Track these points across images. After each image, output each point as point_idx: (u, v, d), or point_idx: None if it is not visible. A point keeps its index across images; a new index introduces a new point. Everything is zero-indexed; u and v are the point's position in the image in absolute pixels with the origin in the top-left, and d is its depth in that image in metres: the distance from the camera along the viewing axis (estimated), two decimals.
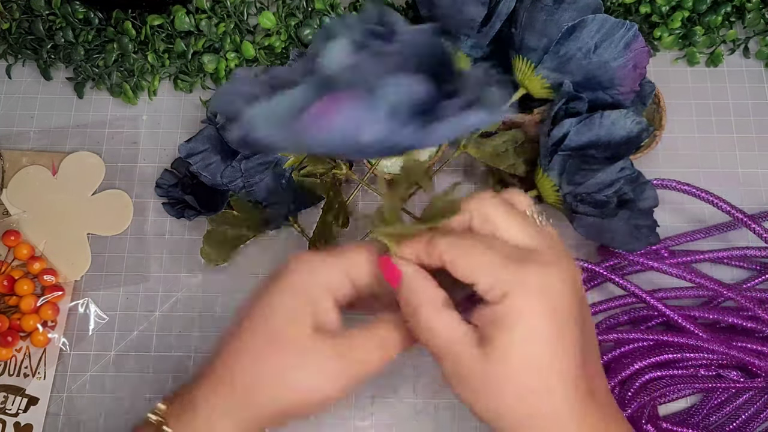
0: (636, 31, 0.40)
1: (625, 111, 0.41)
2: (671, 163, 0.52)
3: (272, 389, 0.32)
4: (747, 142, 0.53)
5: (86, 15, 0.55)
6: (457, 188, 0.32)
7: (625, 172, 0.42)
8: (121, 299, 0.50)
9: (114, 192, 0.53)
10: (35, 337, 0.48)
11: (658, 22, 0.54)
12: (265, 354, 0.32)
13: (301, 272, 0.33)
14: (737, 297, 0.44)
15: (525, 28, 0.42)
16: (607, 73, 0.41)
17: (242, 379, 0.32)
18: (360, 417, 0.47)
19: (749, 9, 0.54)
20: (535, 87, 0.44)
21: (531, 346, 0.30)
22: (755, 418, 0.45)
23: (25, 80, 0.56)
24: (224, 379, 0.33)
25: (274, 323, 0.32)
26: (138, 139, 0.54)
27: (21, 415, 0.47)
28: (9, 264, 0.50)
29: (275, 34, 0.54)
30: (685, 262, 0.48)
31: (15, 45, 0.55)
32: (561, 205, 0.43)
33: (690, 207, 0.51)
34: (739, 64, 0.55)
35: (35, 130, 0.55)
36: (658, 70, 0.54)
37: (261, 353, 0.32)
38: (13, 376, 0.48)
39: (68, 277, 0.50)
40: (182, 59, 0.55)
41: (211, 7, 0.54)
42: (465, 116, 0.25)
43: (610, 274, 0.46)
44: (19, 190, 0.52)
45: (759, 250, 0.48)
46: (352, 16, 0.27)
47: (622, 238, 0.44)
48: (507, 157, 0.46)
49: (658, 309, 0.45)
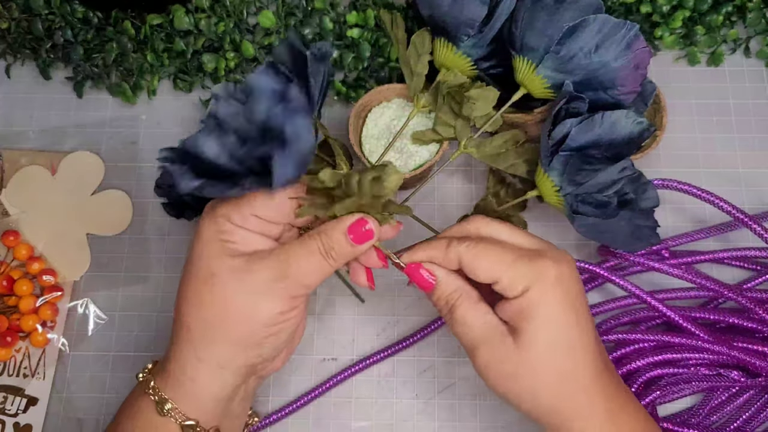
0: (637, 31, 0.40)
1: (626, 111, 0.41)
2: (672, 163, 0.52)
3: (219, 326, 0.35)
4: (748, 141, 0.53)
5: (85, 14, 0.55)
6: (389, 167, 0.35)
7: (626, 173, 0.41)
8: (120, 299, 0.50)
9: (113, 192, 0.53)
10: (34, 338, 0.48)
11: (659, 21, 0.54)
12: (202, 293, 0.35)
13: (206, 213, 0.36)
14: (738, 297, 0.44)
15: (526, 27, 0.42)
16: (608, 73, 0.41)
17: (193, 324, 0.35)
18: (360, 417, 0.47)
19: (750, 8, 0.54)
20: (536, 87, 0.44)
21: (555, 330, 0.34)
22: (755, 418, 0.45)
23: (24, 80, 0.56)
24: (183, 328, 0.35)
25: (199, 264, 0.35)
26: (137, 138, 0.54)
27: (20, 415, 0.47)
28: (8, 264, 0.50)
29: (275, 33, 0.54)
30: (686, 262, 0.48)
31: (14, 44, 0.55)
32: (562, 205, 0.43)
33: (691, 207, 0.51)
34: (741, 63, 0.55)
35: (34, 129, 0.55)
36: (659, 70, 0.54)
37: (198, 294, 0.35)
38: (12, 377, 0.48)
39: (67, 278, 0.50)
40: (181, 59, 0.54)
41: (210, 6, 0.54)
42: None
43: (610, 274, 0.46)
44: (18, 190, 0.52)
45: (760, 250, 0.48)
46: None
47: (623, 239, 0.44)
48: (507, 157, 0.46)
49: (658, 310, 0.45)
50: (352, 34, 0.53)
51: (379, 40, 0.54)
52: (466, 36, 0.44)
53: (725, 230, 0.49)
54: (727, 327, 0.47)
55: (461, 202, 0.52)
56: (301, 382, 0.48)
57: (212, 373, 0.35)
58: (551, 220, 0.51)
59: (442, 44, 0.46)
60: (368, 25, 0.53)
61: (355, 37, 0.53)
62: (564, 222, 0.46)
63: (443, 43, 0.46)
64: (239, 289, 0.34)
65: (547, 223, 0.51)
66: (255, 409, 0.47)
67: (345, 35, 0.54)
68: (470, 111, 0.45)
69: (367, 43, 0.53)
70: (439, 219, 0.51)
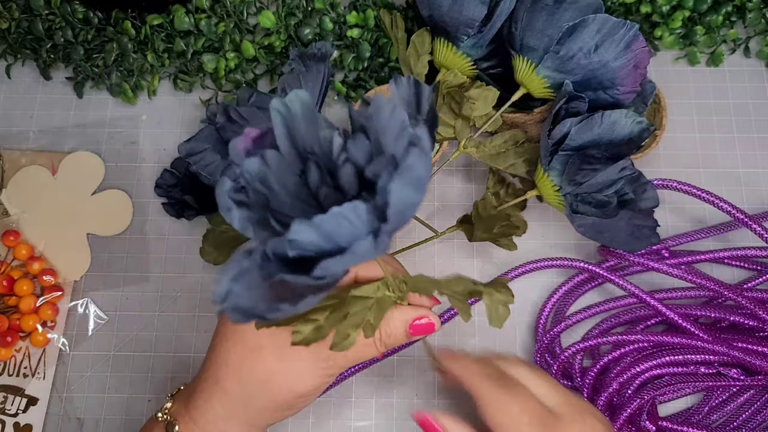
0: (637, 31, 0.40)
1: (625, 111, 0.41)
2: (672, 163, 0.52)
3: (259, 394, 0.35)
4: (748, 141, 0.53)
5: (86, 14, 0.55)
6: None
7: (626, 172, 0.41)
8: (120, 299, 0.50)
9: (113, 192, 0.53)
10: (35, 338, 0.48)
11: (659, 21, 0.54)
12: (245, 363, 0.35)
13: None
14: (738, 298, 0.44)
15: (525, 27, 0.42)
16: (607, 73, 0.41)
17: (232, 388, 0.35)
18: (360, 417, 0.47)
19: (750, 9, 0.54)
20: (536, 87, 0.44)
21: None
22: (756, 417, 0.45)
23: (25, 80, 0.56)
24: (219, 389, 0.35)
25: (247, 331, 0.35)
26: (137, 138, 0.54)
27: (21, 415, 0.47)
28: (8, 264, 0.50)
29: (275, 33, 0.54)
30: (685, 262, 0.48)
31: (14, 45, 0.55)
32: (562, 205, 0.43)
33: (690, 207, 0.51)
34: (740, 63, 0.55)
35: (35, 129, 0.55)
36: (659, 70, 0.54)
37: (241, 363, 0.35)
38: (12, 377, 0.48)
39: (68, 278, 0.50)
40: (182, 59, 0.54)
41: (210, 7, 0.54)
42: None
43: (609, 274, 0.46)
44: (18, 190, 0.52)
45: (759, 250, 0.48)
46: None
47: (623, 239, 0.44)
48: (507, 156, 0.46)
49: (658, 310, 0.45)
50: (352, 35, 0.53)
51: (379, 40, 0.54)
52: (465, 36, 0.44)
53: (725, 230, 0.49)
54: (727, 326, 0.47)
55: (461, 202, 0.52)
56: None
57: (241, 430, 0.36)
58: (551, 219, 0.51)
59: (442, 44, 0.46)
60: (368, 25, 0.53)
61: (355, 38, 0.53)
62: (564, 222, 0.46)
63: (443, 43, 0.46)
64: (284, 365, 0.34)
65: (547, 223, 0.51)
66: None
67: (345, 35, 0.54)
68: (470, 111, 0.45)
69: (367, 43, 0.53)
70: (439, 219, 0.51)
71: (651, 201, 0.44)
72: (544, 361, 0.47)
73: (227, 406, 0.35)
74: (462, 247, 0.51)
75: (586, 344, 0.45)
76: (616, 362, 0.45)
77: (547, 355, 0.47)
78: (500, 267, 0.50)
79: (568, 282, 0.48)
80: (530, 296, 0.49)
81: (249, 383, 0.35)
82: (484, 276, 0.50)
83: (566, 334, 0.48)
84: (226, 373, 0.35)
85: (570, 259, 0.48)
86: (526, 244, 0.48)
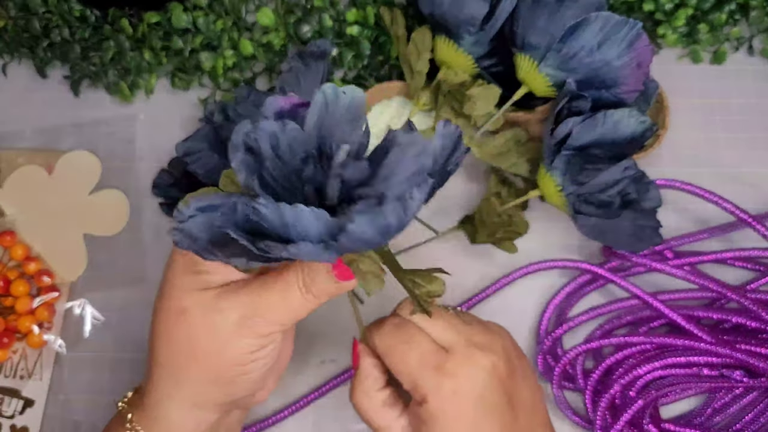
0: (640, 29, 0.40)
1: (628, 110, 0.40)
2: (675, 163, 0.52)
3: (187, 364, 0.33)
4: (751, 141, 0.52)
5: (82, 13, 0.54)
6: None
7: (629, 172, 0.41)
8: (117, 300, 0.50)
9: (110, 192, 0.52)
10: (31, 339, 0.48)
11: (662, 19, 0.53)
12: (172, 330, 0.33)
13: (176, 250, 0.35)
14: (741, 299, 0.44)
15: (527, 25, 0.42)
16: (610, 72, 0.41)
17: (165, 361, 0.34)
18: (359, 419, 0.47)
19: (753, 6, 0.53)
20: (538, 85, 0.43)
21: None
22: (759, 419, 0.45)
23: (21, 78, 0.56)
24: (155, 364, 0.34)
25: (170, 297, 0.33)
26: (135, 138, 0.54)
27: (17, 417, 0.47)
28: (5, 265, 0.50)
29: (274, 31, 0.53)
30: (688, 263, 0.47)
31: (11, 43, 0.55)
32: (564, 205, 0.43)
33: (694, 207, 0.50)
34: (744, 62, 0.54)
35: (31, 129, 0.54)
36: (662, 69, 0.54)
37: (168, 330, 0.33)
38: (9, 378, 0.48)
39: (64, 278, 0.50)
40: (179, 57, 0.54)
41: (208, 4, 0.54)
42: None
43: (611, 275, 0.45)
44: (14, 190, 0.52)
45: (763, 250, 0.47)
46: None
47: (626, 239, 0.43)
48: (509, 156, 0.46)
49: (661, 311, 0.44)
50: (352, 32, 0.53)
51: (379, 38, 0.53)
52: (467, 33, 0.44)
53: (728, 230, 0.49)
54: (731, 327, 0.46)
55: (462, 202, 0.51)
56: (300, 383, 0.48)
57: (186, 411, 0.34)
58: (553, 220, 0.50)
59: (443, 42, 0.45)
60: (368, 22, 0.53)
61: (355, 35, 0.53)
62: (566, 222, 0.45)
63: (444, 40, 0.45)
64: (207, 328, 0.32)
65: (549, 223, 0.50)
66: (254, 411, 0.47)
67: (345, 33, 0.53)
68: (471, 109, 0.44)
69: (366, 40, 0.53)
70: (439, 219, 0.51)
71: (654, 201, 0.43)
72: (546, 364, 0.46)
73: (165, 383, 0.34)
74: (463, 248, 0.50)
75: (589, 346, 0.45)
76: (618, 364, 0.45)
77: (549, 357, 0.47)
78: (502, 267, 0.49)
79: (570, 283, 0.48)
80: (532, 297, 0.49)
81: (177, 354, 0.33)
82: (485, 278, 0.49)
83: (568, 336, 0.48)
84: (157, 344, 0.34)
85: (572, 260, 0.47)
86: (528, 244, 0.48)
